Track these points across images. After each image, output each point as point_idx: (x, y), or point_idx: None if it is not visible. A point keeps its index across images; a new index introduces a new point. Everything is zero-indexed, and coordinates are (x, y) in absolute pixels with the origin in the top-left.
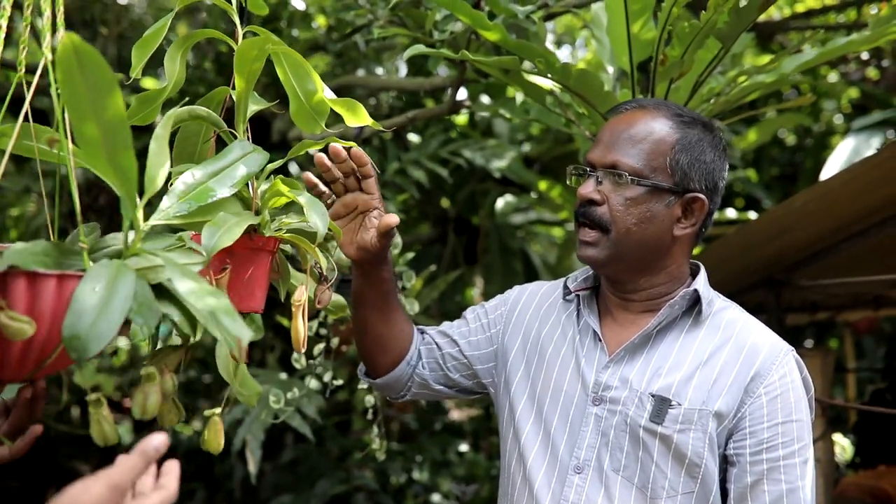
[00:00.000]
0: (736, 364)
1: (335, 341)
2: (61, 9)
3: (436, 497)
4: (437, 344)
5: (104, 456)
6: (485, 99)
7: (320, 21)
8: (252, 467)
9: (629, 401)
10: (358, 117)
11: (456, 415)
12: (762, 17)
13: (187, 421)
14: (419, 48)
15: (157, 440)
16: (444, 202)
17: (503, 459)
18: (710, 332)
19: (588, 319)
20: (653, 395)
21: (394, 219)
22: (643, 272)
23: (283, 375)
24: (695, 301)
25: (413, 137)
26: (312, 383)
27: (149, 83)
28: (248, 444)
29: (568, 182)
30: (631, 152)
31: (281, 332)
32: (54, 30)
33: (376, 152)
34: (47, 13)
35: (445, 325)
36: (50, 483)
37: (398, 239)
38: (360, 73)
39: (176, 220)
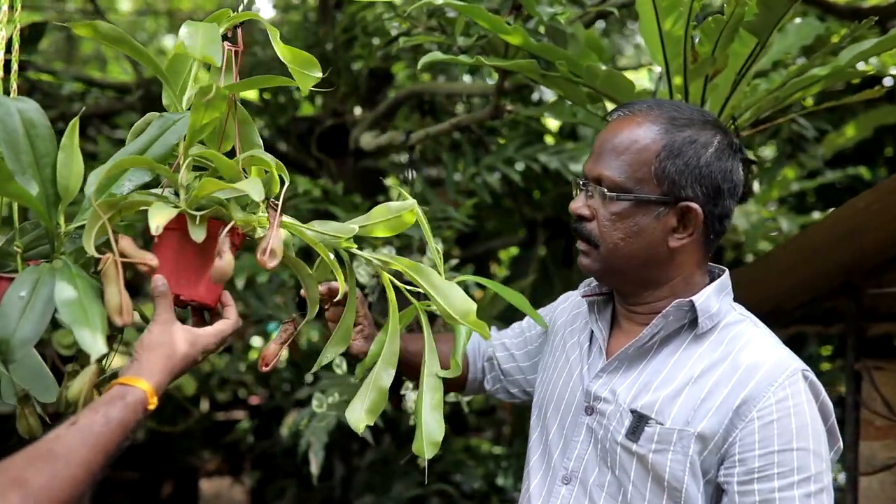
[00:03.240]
0: (728, 384)
1: None
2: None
3: None
4: (497, 362)
5: (228, 452)
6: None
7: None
8: (314, 468)
9: (613, 415)
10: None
11: None
12: (873, 2)
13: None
14: (435, 55)
15: (157, 281)
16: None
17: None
18: (711, 347)
19: (596, 326)
20: (632, 411)
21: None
22: (646, 286)
23: (353, 379)
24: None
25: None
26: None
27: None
28: (311, 445)
29: (574, 194)
30: (613, 164)
31: None
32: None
33: (455, 154)
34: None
35: (508, 339)
36: (166, 476)
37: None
38: (441, 79)
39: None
